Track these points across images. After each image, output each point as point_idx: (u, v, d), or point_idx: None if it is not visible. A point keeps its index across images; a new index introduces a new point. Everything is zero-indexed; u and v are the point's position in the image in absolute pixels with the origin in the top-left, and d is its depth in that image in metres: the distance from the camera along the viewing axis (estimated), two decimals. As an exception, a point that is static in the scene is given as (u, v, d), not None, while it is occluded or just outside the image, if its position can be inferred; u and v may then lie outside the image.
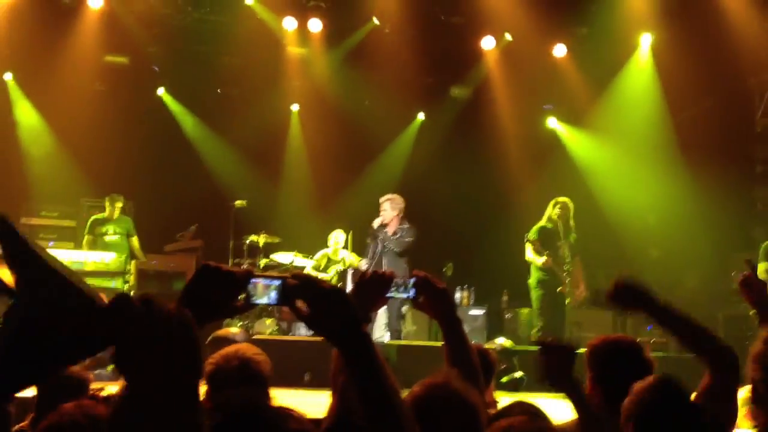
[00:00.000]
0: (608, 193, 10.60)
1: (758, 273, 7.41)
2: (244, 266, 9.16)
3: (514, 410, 2.35)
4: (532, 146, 11.18)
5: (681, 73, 9.73)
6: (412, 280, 2.21)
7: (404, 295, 2.22)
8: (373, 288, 2.16)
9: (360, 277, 2.21)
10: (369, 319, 2.25)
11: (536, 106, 11.63)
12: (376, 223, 8.23)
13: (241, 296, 1.66)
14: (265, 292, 1.67)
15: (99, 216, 9.43)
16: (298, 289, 1.64)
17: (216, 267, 1.62)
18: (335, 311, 1.61)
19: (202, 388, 2.57)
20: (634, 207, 10.49)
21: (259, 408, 1.26)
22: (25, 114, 10.60)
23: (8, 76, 10.49)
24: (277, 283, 1.68)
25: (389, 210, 8.25)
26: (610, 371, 2.66)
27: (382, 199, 8.37)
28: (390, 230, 8.24)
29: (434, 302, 2.25)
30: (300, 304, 1.63)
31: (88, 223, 9.40)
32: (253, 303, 1.67)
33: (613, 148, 10.75)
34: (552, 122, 11.79)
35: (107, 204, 9.39)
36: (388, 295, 2.19)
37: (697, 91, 9.89)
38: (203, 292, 1.59)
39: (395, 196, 8.42)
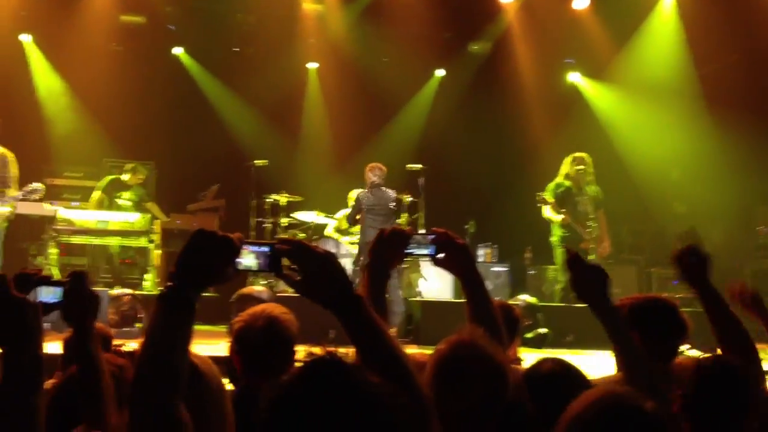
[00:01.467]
0: (631, 148, 10.48)
1: None
2: (266, 225, 9.23)
3: (545, 366, 2.37)
4: (553, 101, 11.06)
5: (706, 25, 9.55)
6: (431, 237, 2.20)
7: (424, 252, 2.20)
8: (392, 244, 2.16)
9: (379, 233, 2.19)
10: (387, 276, 2.18)
11: (557, 60, 11.46)
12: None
13: None
14: (253, 258, 1.67)
15: (117, 178, 9.47)
16: (288, 255, 1.65)
17: (211, 232, 1.60)
18: (327, 276, 1.62)
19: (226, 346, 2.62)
20: (658, 161, 10.36)
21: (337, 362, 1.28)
22: (45, 75, 10.59)
23: (26, 38, 10.45)
24: (266, 249, 1.67)
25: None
26: (647, 331, 2.65)
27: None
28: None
29: (454, 259, 2.22)
30: (287, 270, 1.65)
31: (105, 182, 9.43)
32: (240, 269, 1.64)
33: (636, 102, 10.60)
34: (573, 76, 11.63)
35: (131, 173, 9.42)
36: (408, 251, 2.18)
37: (723, 44, 9.69)
38: (197, 259, 1.57)
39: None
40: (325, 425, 1.19)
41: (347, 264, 8.85)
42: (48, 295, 2.11)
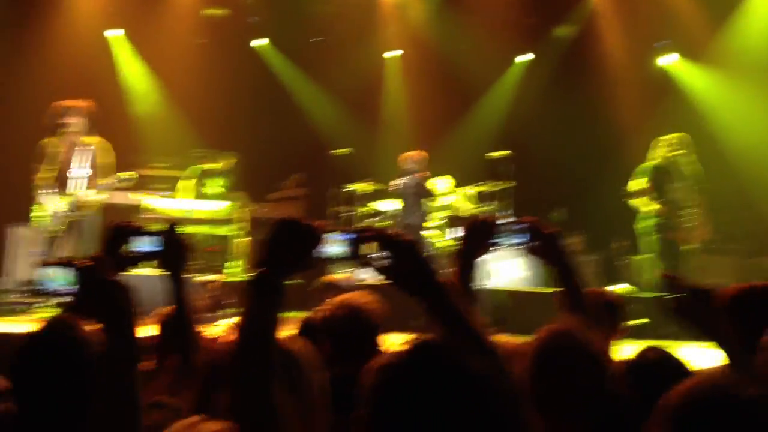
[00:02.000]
0: (728, 131, 10.03)
1: None
2: (346, 214, 9.26)
3: (647, 355, 2.29)
4: (643, 85, 10.72)
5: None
6: (521, 225, 2.19)
7: (514, 240, 2.20)
8: (480, 234, 2.17)
9: (470, 222, 2.19)
10: (476, 264, 2.20)
11: (647, 41, 11.07)
12: None
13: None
14: (336, 246, 1.70)
15: (207, 167, 9.69)
16: (374, 241, 1.67)
17: (295, 220, 1.66)
18: (411, 264, 1.64)
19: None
20: (757, 145, 9.88)
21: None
22: (133, 69, 10.92)
23: (115, 33, 10.77)
24: (349, 237, 1.70)
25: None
26: (754, 322, 2.50)
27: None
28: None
29: (545, 247, 2.22)
30: (369, 258, 1.67)
31: (195, 169, 9.63)
32: (323, 257, 1.68)
33: (734, 84, 10.12)
34: (665, 59, 11.20)
35: (219, 162, 9.64)
36: (498, 241, 2.19)
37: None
38: (282, 246, 1.62)
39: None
40: (432, 407, 1.20)
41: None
42: (143, 244, 2.23)
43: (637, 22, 10.42)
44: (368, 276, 8.76)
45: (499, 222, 2.19)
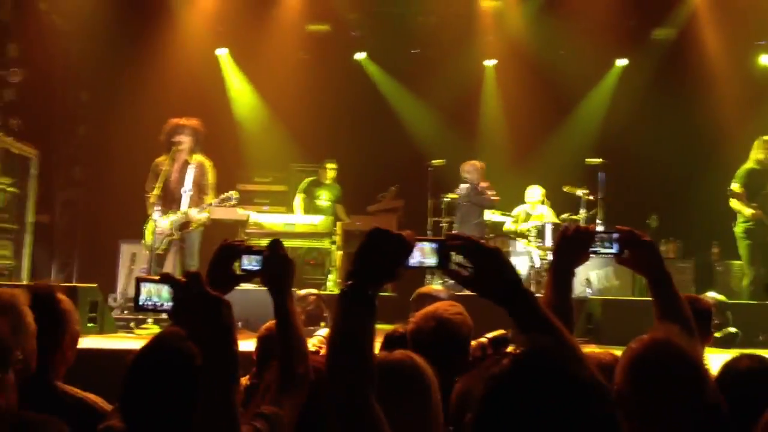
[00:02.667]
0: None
1: None
2: (443, 225, 9.33)
3: (742, 363, 2.24)
4: (744, 86, 10.31)
5: None
6: (616, 235, 2.15)
7: (609, 251, 2.16)
8: (576, 243, 2.14)
9: (562, 232, 2.19)
10: (573, 274, 2.16)
11: (748, 42, 10.69)
12: None
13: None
14: (422, 255, 1.70)
15: (314, 178, 9.97)
16: (458, 251, 1.68)
17: (385, 231, 1.65)
18: (496, 272, 1.65)
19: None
20: None
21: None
22: (238, 86, 11.28)
23: (222, 51, 11.19)
24: (435, 245, 1.71)
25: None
26: None
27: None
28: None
29: (640, 257, 2.17)
30: (456, 266, 1.68)
31: (304, 183, 9.94)
32: (409, 266, 1.68)
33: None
34: (766, 59, 10.77)
35: (320, 169, 9.92)
36: (592, 250, 2.15)
37: None
38: (372, 256, 1.62)
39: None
40: (541, 417, 1.17)
41: (524, 263, 8.77)
42: (251, 263, 2.26)
43: (737, 21, 10.04)
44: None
45: (593, 231, 2.16)
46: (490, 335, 2.92)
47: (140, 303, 1.81)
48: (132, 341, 6.15)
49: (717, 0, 10.06)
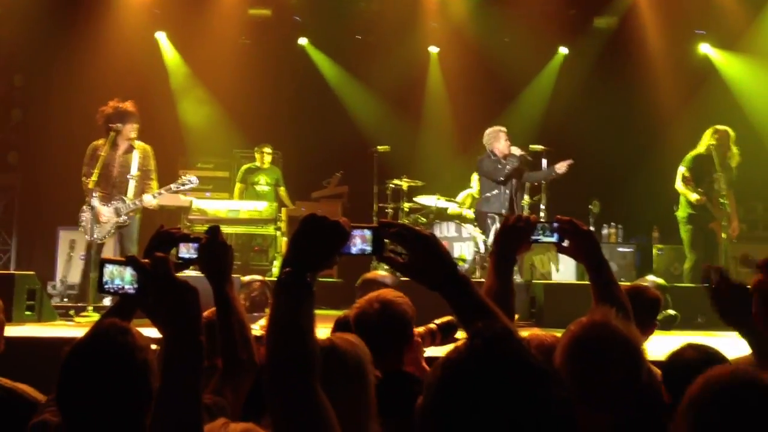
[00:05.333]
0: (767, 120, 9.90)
1: None
2: (388, 211, 9.34)
3: (686, 352, 2.29)
4: (683, 75, 10.58)
5: None
6: (555, 224, 2.19)
7: (549, 240, 2.20)
8: (517, 232, 2.16)
9: (504, 221, 2.21)
10: (514, 261, 2.20)
11: (687, 31, 10.94)
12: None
13: None
14: (358, 241, 1.69)
15: (251, 165, 9.89)
16: (392, 238, 1.68)
17: (321, 218, 1.63)
18: (432, 258, 1.65)
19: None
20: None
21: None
22: (178, 70, 11.08)
23: (161, 35, 10.97)
24: (368, 232, 1.69)
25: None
26: None
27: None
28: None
29: (579, 245, 2.21)
30: (391, 253, 1.68)
31: (241, 172, 9.88)
32: (345, 253, 1.67)
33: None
34: (705, 48, 11.05)
35: (257, 154, 9.85)
36: (533, 239, 2.18)
37: None
38: (307, 243, 1.60)
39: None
40: (495, 400, 1.17)
41: (469, 248, 8.84)
42: (188, 251, 2.24)
43: (677, 10, 10.27)
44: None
45: (534, 220, 2.18)
46: (438, 321, 2.92)
47: (104, 285, 1.77)
48: (71, 329, 6.01)
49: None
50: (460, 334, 2.66)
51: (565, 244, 2.23)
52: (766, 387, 1.50)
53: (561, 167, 8.17)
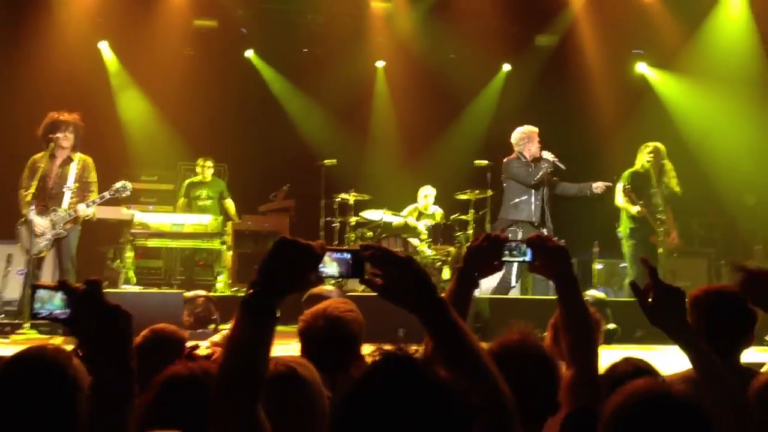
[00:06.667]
0: (701, 139, 10.25)
1: None
2: (335, 225, 9.33)
3: (620, 366, 2.34)
4: (621, 92, 10.87)
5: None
6: (525, 245, 2.13)
7: (520, 259, 2.14)
8: (486, 251, 2.12)
9: (472, 242, 2.18)
10: (477, 283, 2.15)
11: (625, 50, 11.26)
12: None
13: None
14: (336, 265, 1.69)
15: (193, 180, 9.77)
16: (370, 260, 1.67)
17: (291, 240, 1.62)
18: (410, 280, 1.64)
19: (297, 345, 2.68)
20: (728, 152, 10.10)
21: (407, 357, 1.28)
22: (121, 81, 10.89)
23: (103, 45, 10.78)
24: (348, 256, 1.70)
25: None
26: (715, 323, 2.59)
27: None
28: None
29: (550, 262, 2.14)
30: (370, 276, 1.67)
31: (183, 187, 9.76)
32: (323, 276, 1.66)
33: (706, 92, 10.34)
34: (641, 67, 11.38)
35: (198, 167, 9.72)
36: (505, 259, 2.13)
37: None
38: (279, 266, 1.59)
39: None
40: (397, 419, 1.19)
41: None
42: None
43: (615, 30, 10.56)
44: (362, 286, 8.85)
45: (504, 238, 2.13)
46: None
47: (34, 311, 1.69)
48: (5, 347, 5.83)
49: (596, 9, 10.49)
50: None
51: (535, 262, 2.16)
52: (677, 400, 1.54)
53: (599, 187, 7.86)
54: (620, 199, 8.11)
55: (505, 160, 8.04)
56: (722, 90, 10.08)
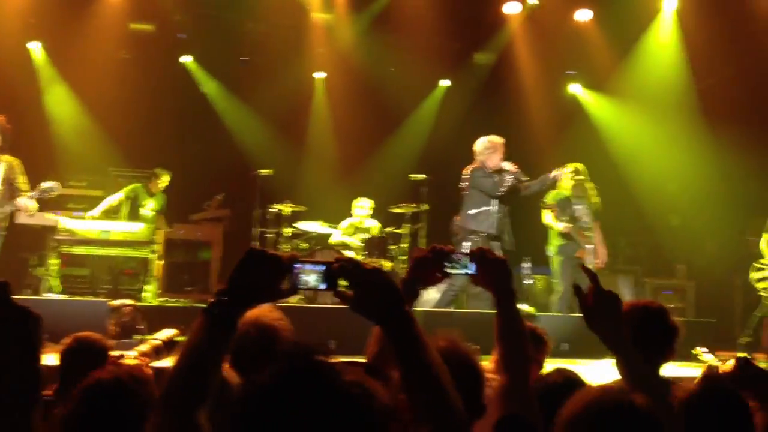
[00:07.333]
0: (629, 160, 10.54)
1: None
2: (269, 236, 9.24)
3: (552, 376, 2.37)
4: (555, 112, 11.11)
5: (705, 38, 9.61)
6: (469, 255, 2.14)
7: (464, 272, 2.14)
8: (429, 263, 2.13)
9: (417, 253, 2.20)
10: (417, 294, 2.15)
11: (559, 71, 11.51)
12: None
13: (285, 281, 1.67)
14: (310, 277, 1.69)
15: (143, 186, 9.42)
16: (342, 273, 1.67)
17: (261, 251, 1.64)
18: (379, 293, 1.64)
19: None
20: (655, 174, 10.45)
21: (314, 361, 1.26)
22: (52, 83, 10.63)
23: (35, 46, 10.50)
24: (321, 268, 1.69)
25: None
26: (639, 336, 2.65)
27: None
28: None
29: (490, 274, 2.15)
30: (342, 288, 1.67)
31: (133, 187, 9.40)
32: (298, 288, 1.68)
33: (635, 115, 10.67)
34: (574, 88, 11.66)
35: (153, 177, 9.42)
36: (448, 271, 2.14)
37: (720, 57, 9.76)
38: (248, 277, 1.61)
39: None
40: (297, 423, 1.18)
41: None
42: None
43: (550, 51, 10.78)
44: (294, 298, 8.75)
45: (449, 250, 2.13)
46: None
47: None
48: None
49: (533, 30, 10.69)
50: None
51: (476, 275, 2.16)
52: (635, 408, 1.57)
53: (557, 175, 7.96)
54: (548, 217, 8.28)
55: (468, 168, 8.06)
56: (650, 113, 10.41)
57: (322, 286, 1.69)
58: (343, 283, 1.68)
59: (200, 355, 1.55)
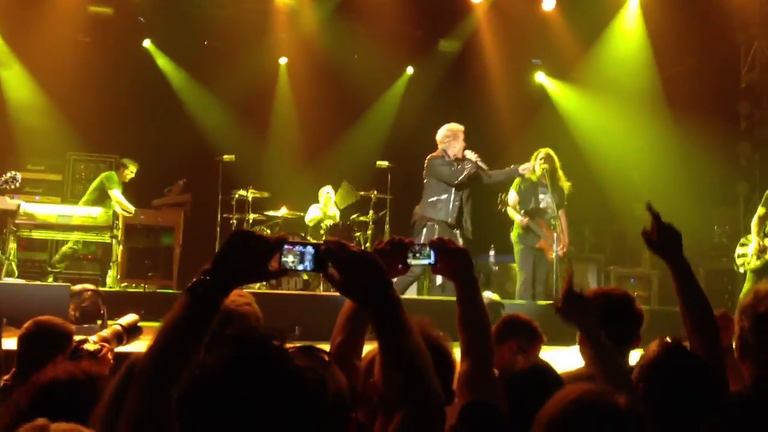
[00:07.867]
0: (594, 149, 10.62)
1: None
2: (232, 221, 9.16)
3: (518, 365, 2.38)
4: (519, 100, 11.14)
5: (669, 28, 9.72)
6: (428, 248, 2.14)
7: (425, 262, 2.15)
8: (390, 254, 2.10)
9: (377, 244, 2.18)
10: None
11: (525, 60, 11.56)
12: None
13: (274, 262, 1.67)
14: (299, 259, 1.69)
15: (122, 178, 9.24)
16: (330, 255, 1.66)
17: (247, 232, 1.66)
18: (366, 275, 1.64)
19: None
20: (619, 162, 10.54)
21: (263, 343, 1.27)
22: (9, 66, 10.40)
23: (-9, 27, 10.26)
24: (310, 249, 1.69)
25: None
26: (604, 323, 2.67)
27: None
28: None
29: (452, 264, 2.15)
30: (331, 270, 1.66)
31: (117, 177, 9.23)
32: (287, 269, 1.68)
33: (600, 104, 10.75)
34: (540, 76, 11.72)
35: (122, 167, 9.28)
36: (409, 262, 2.13)
37: (684, 47, 9.89)
38: (233, 258, 1.60)
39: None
40: (245, 404, 1.20)
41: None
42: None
43: (515, 40, 10.81)
44: (257, 284, 8.70)
45: (409, 242, 2.12)
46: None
47: None
48: None
49: (498, 18, 10.71)
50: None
51: (438, 265, 2.16)
52: (618, 409, 1.57)
53: (526, 168, 7.93)
54: (510, 210, 8.28)
55: (428, 157, 7.98)
56: (616, 102, 10.49)
57: (311, 268, 1.69)
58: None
59: (181, 334, 1.54)
